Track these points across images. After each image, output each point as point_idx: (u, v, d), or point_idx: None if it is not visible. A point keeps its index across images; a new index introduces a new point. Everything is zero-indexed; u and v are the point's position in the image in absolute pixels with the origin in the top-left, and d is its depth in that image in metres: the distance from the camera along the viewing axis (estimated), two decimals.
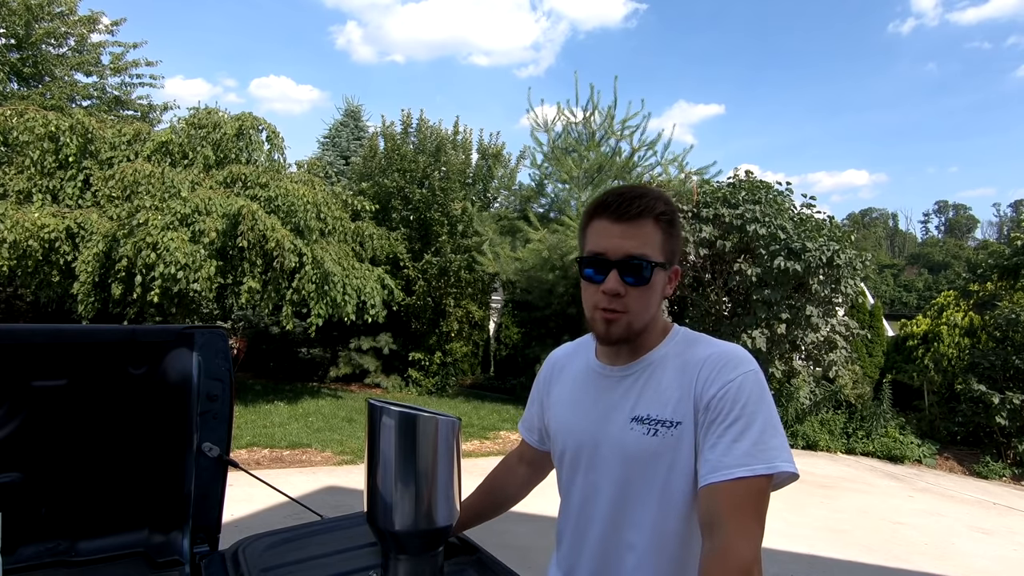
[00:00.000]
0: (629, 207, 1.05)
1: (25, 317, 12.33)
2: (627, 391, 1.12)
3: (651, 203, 1.06)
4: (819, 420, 9.89)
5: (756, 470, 0.95)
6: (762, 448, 0.96)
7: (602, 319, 1.08)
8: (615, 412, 1.11)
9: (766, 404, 1.01)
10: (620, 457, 1.08)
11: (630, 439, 1.07)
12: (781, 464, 0.96)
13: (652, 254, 1.05)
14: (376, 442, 1.03)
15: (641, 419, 1.07)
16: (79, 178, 8.71)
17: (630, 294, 1.06)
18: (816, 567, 4.67)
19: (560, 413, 1.23)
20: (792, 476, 0.98)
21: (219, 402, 1.55)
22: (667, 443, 1.04)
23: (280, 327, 10.44)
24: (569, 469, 1.19)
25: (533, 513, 5.08)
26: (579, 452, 1.16)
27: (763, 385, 1.03)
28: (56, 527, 1.43)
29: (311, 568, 1.25)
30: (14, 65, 13.23)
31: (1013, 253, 10.21)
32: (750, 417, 0.98)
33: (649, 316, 1.09)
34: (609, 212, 1.06)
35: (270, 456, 6.92)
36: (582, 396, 1.19)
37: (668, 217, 1.08)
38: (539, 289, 11.16)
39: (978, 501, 7.28)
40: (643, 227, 1.05)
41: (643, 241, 1.05)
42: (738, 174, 10.64)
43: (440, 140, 13.13)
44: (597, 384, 1.17)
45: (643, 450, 1.05)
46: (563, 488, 1.22)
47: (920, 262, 57.34)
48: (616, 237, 1.05)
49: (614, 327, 1.07)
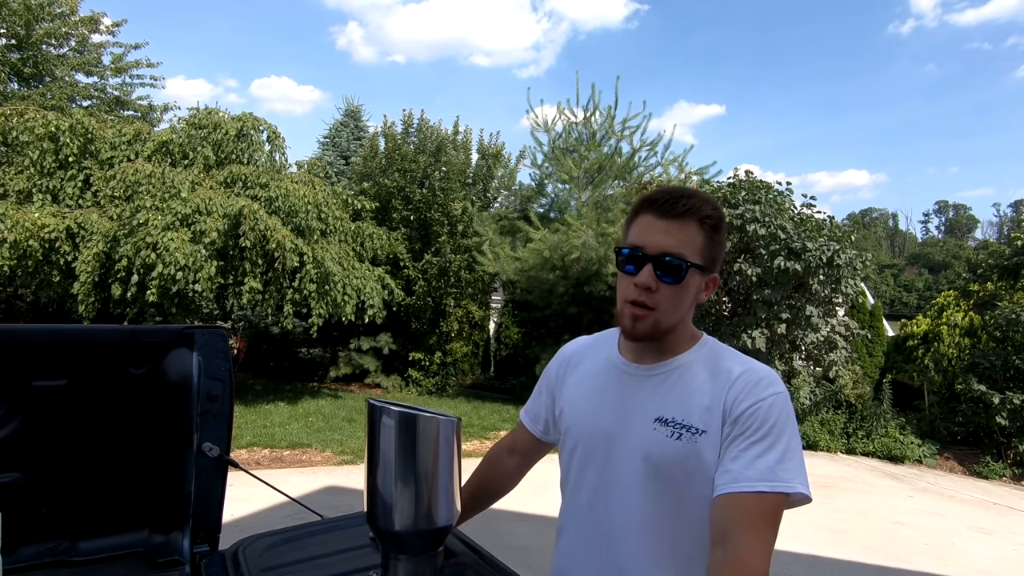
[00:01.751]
0: (675, 205, 1.05)
1: (25, 317, 12.32)
2: (653, 391, 1.10)
3: (697, 205, 1.06)
4: (819, 420, 9.89)
5: (776, 487, 0.96)
6: (784, 468, 0.98)
7: (630, 313, 1.07)
8: (638, 411, 1.10)
9: (792, 427, 1.02)
10: (640, 457, 1.07)
11: (653, 440, 1.06)
12: (799, 487, 0.98)
13: (690, 255, 1.05)
14: (376, 442, 1.03)
15: (666, 421, 1.06)
16: (79, 178, 8.71)
17: (662, 291, 1.05)
18: (816, 567, 4.67)
19: (576, 406, 1.21)
20: (805, 499, 0.99)
21: (219, 402, 1.55)
22: (690, 448, 1.03)
23: (280, 327, 10.43)
24: (581, 463, 1.17)
25: (533, 513, 5.10)
26: (594, 447, 1.14)
27: (791, 409, 1.04)
28: (56, 527, 1.43)
29: (311, 568, 1.25)
30: (14, 65, 13.22)
31: (1013, 253, 10.20)
32: (776, 437, 0.99)
33: (678, 318, 1.08)
34: (655, 208, 1.06)
35: (270, 456, 6.92)
36: (602, 390, 1.17)
37: (712, 222, 1.07)
38: (539, 289, 11.15)
39: (978, 501, 7.28)
40: (686, 227, 1.05)
41: (683, 240, 1.04)
42: (738, 174, 10.65)
43: (440, 140, 13.13)
44: (620, 380, 1.15)
45: (665, 453, 1.05)
46: (571, 482, 1.20)
47: (920, 262, 57.34)
48: (657, 233, 1.05)
49: (641, 323, 1.06)
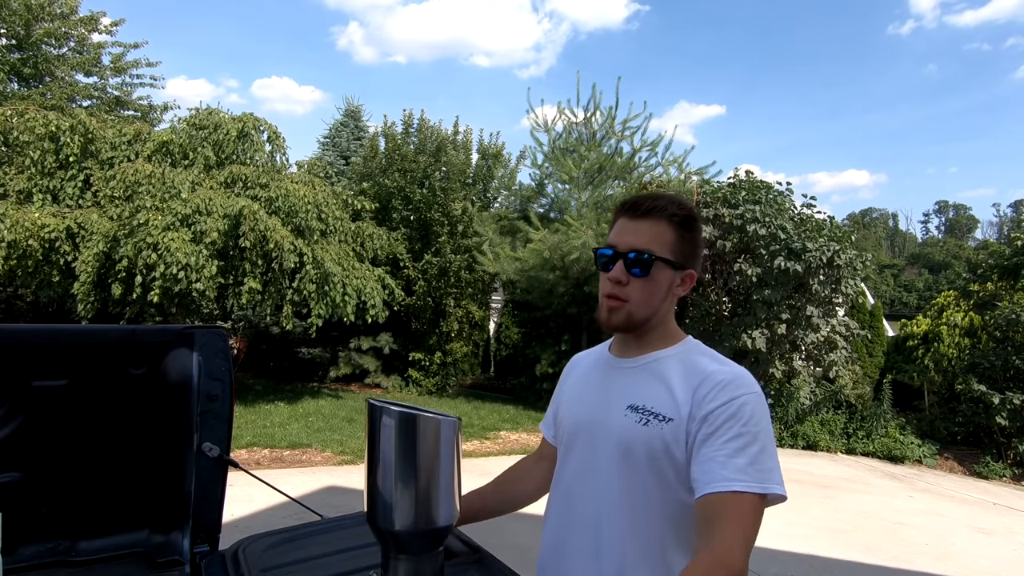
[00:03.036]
0: (643, 205, 1.17)
1: (25, 317, 12.32)
2: (631, 381, 1.19)
3: (664, 204, 1.16)
4: (819, 420, 9.89)
5: (752, 487, 1.00)
6: (759, 468, 1.02)
7: (606, 306, 1.18)
8: (615, 399, 1.18)
9: (765, 428, 1.06)
10: (613, 441, 1.15)
11: (623, 424, 1.14)
12: (774, 487, 1.02)
13: (658, 250, 1.14)
14: (376, 442, 1.03)
15: (636, 408, 1.14)
16: (79, 178, 8.70)
17: (632, 284, 1.15)
18: (816, 567, 4.67)
19: (569, 401, 1.32)
20: (780, 498, 1.03)
21: (219, 402, 1.55)
22: (655, 434, 1.10)
23: (280, 327, 10.43)
24: (565, 448, 1.27)
25: (533, 513, 5.09)
26: (576, 434, 1.23)
27: (765, 410, 1.09)
28: (56, 527, 1.43)
29: (311, 568, 1.25)
30: (14, 65, 13.22)
31: (1013, 253, 10.20)
32: (751, 437, 1.03)
33: (651, 309, 1.17)
34: (627, 211, 1.19)
35: (270, 456, 6.92)
36: (590, 384, 1.28)
37: (679, 219, 1.16)
38: (539, 289, 11.15)
39: (978, 501, 7.28)
40: (654, 225, 1.15)
41: (652, 237, 1.15)
42: (738, 174, 10.64)
43: (440, 140, 13.12)
44: (606, 374, 1.25)
45: (632, 437, 1.12)
46: (557, 468, 1.29)
47: (920, 262, 57.32)
48: (628, 233, 1.17)
49: (615, 314, 1.17)
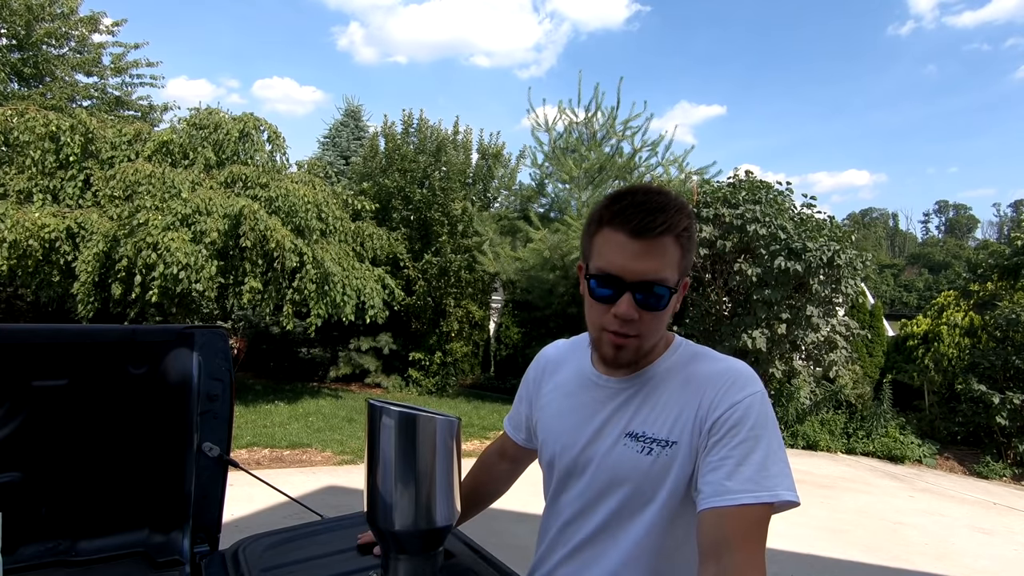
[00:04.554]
0: (652, 224, 0.94)
1: (25, 317, 12.32)
2: (623, 405, 1.07)
3: (674, 219, 0.95)
4: (819, 420, 9.89)
5: (760, 497, 0.92)
6: (765, 475, 0.94)
7: (611, 343, 1.01)
8: (608, 426, 1.07)
9: (771, 428, 0.97)
10: (611, 473, 1.05)
11: (623, 456, 1.04)
12: (783, 493, 0.93)
13: (670, 277, 0.97)
14: (376, 442, 1.03)
15: (636, 436, 1.03)
16: (79, 178, 8.70)
17: (643, 319, 0.98)
18: (816, 567, 4.67)
19: (550, 420, 1.18)
20: (792, 504, 0.95)
21: (219, 402, 1.55)
22: (660, 463, 1.01)
23: (280, 327, 10.43)
24: (559, 480, 1.16)
25: (533, 513, 5.09)
26: (573, 465, 1.12)
27: (769, 408, 1.00)
28: (56, 527, 1.43)
29: (311, 568, 1.25)
30: (15, 65, 13.22)
31: (1013, 253, 10.21)
32: (755, 441, 0.95)
33: (659, 335, 1.05)
34: (628, 227, 0.95)
35: (270, 456, 6.92)
36: (574, 405, 1.14)
37: (689, 233, 0.99)
38: (539, 289, 11.15)
39: (978, 501, 7.28)
40: (664, 247, 0.96)
41: (663, 263, 0.96)
42: (738, 174, 10.64)
43: (440, 140, 13.12)
44: (592, 394, 1.12)
45: (635, 468, 1.02)
46: (552, 494, 1.19)
47: (920, 262, 57.29)
48: (633, 258, 0.95)
49: (623, 352, 1.01)
